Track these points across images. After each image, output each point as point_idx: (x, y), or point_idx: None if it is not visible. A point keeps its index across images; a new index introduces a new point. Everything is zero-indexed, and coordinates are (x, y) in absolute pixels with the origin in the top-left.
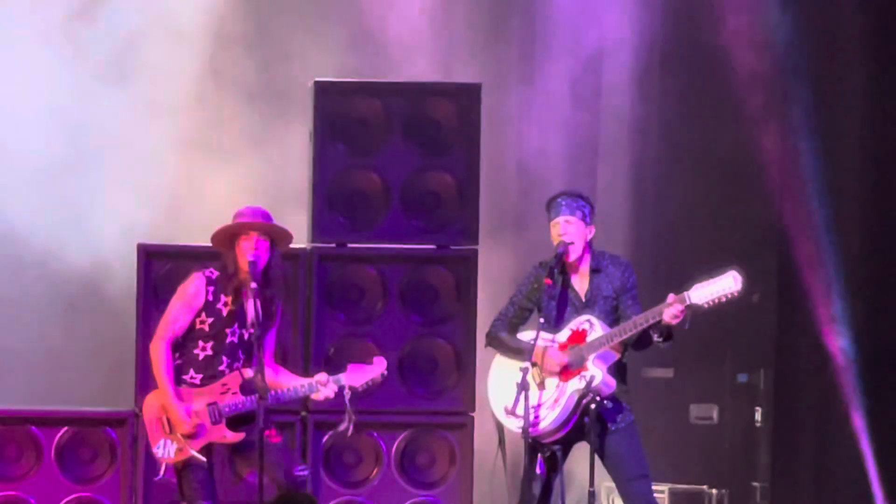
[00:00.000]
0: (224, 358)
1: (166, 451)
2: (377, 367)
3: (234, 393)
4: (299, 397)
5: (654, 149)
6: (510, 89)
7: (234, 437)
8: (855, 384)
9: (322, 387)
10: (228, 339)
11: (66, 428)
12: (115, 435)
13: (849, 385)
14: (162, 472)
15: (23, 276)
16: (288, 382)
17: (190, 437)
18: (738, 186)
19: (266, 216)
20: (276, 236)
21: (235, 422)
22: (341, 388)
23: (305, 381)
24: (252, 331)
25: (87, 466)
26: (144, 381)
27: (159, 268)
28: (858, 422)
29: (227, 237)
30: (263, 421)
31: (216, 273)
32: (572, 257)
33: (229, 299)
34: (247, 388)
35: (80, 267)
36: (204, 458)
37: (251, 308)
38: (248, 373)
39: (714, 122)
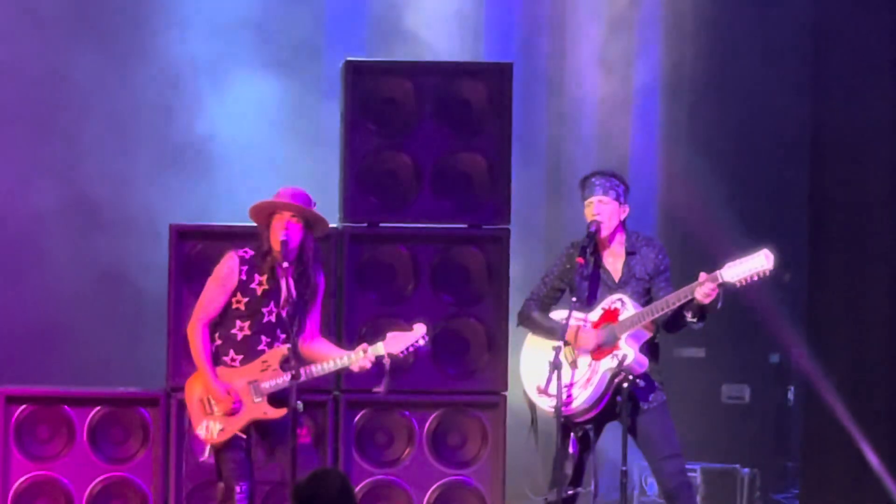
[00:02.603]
0: (263, 337)
1: (210, 432)
2: (416, 333)
3: (274, 370)
4: (337, 370)
5: (686, 126)
6: (541, 67)
7: (275, 413)
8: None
9: (358, 360)
10: (266, 319)
11: (98, 408)
12: (147, 415)
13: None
14: (206, 454)
15: (56, 256)
16: (326, 353)
17: (231, 415)
18: (771, 162)
19: (305, 198)
20: (311, 220)
21: (276, 398)
22: (380, 358)
23: (343, 353)
24: (288, 307)
25: (120, 446)
26: (177, 362)
27: (191, 248)
28: None
29: (264, 216)
30: (296, 410)
31: (250, 252)
32: (604, 233)
33: (264, 278)
34: (287, 364)
35: (113, 247)
36: (245, 436)
37: (285, 285)
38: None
39: (746, 93)
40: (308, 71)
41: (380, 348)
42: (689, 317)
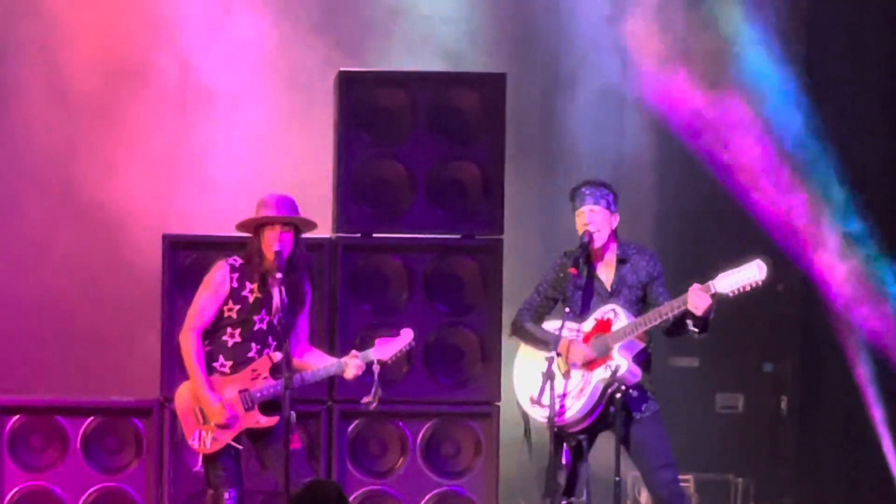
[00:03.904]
0: (253, 345)
1: (202, 442)
2: (404, 339)
3: (264, 378)
4: (329, 377)
5: (678, 133)
6: (535, 77)
7: (268, 421)
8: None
9: (350, 365)
10: (257, 326)
11: (92, 418)
12: (141, 425)
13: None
14: (200, 464)
15: (48, 266)
16: (318, 363)
17: (225, 426)
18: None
19: (291, 204)
20: (300, 225)
21: (268, 406)
22: (370, 364)
23: (334, 360)
24: (280, 315)
25: (113, 456)
26: (170, 371)
27: (184, 258)
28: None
29: (252, 226)
30: (288, 424)
31: (240, 261)
32: (598, 244)
33: (255, 286)
34: (277, 371)
35: (105, 257)
36: (241, 447)
37: (277, 295)
38: (278, 356)
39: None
40: (301, 78)
41: (369, 355)
42: (690, 325)
